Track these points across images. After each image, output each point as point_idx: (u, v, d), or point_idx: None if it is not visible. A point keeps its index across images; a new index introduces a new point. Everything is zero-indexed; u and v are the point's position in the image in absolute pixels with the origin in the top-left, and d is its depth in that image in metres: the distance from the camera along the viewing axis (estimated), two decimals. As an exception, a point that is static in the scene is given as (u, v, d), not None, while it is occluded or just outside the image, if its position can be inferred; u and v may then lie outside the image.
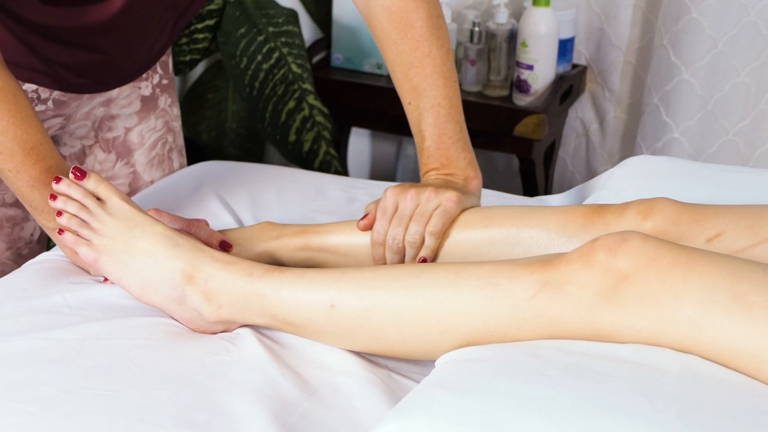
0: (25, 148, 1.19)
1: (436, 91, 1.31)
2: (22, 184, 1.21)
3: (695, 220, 1.14)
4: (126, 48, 1.43)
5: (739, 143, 2.23)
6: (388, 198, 1.25)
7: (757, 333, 0.93)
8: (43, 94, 1.40)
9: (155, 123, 1.57)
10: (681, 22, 2.17)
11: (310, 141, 2.31)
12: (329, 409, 1.04)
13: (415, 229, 1.23)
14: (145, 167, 1.57)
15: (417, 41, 1.31)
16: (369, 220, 1.26)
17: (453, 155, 1.31)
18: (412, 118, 1.33)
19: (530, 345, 1.00)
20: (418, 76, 1.31)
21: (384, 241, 1.24)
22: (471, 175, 1.31)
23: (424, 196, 1.24)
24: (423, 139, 1.32)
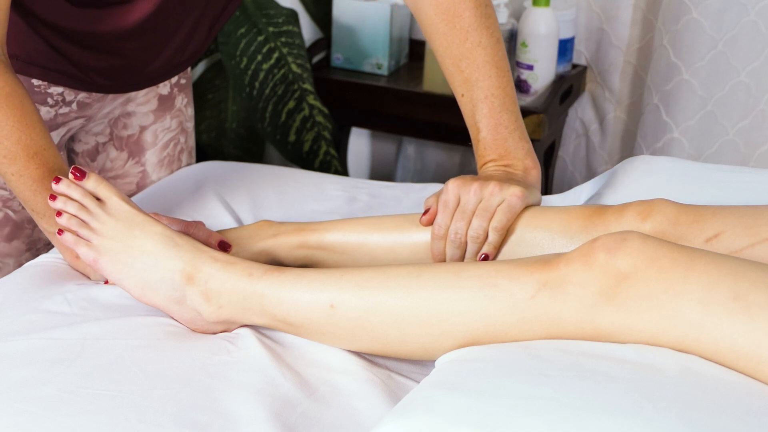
0: (28, 153, 1.19)
1: (488, 81, 1.28)
2: (25, 188, 1.21)
3: (694, 220, 1.14)
4: (154, 51, 1.44)
5: (739, 143, 2.23)
6: (450, 191, 1.22)
7: (758, 333, 0.93)
8: (68, 97, 1.41)
9: (170, 123, 1.58)
10: (681, 22, 2.17)
11: (310, 141, 2.31)
12: (329, 408, 1.04)
13: (478, 224, 1.20)
14: (155, 167, 1.58)
15: (466, 32, 1.29)
16: (431, 215, 1.23)
17: (510, 145, 1.28)
18: (466, 110, 1.31)
19: (530, 345, 1.00)
20: (469, 68, 1.29)
21: (445, 236, 1.21)
22: (530, 165, 1.28)
23: (487, 190, 1.21)
24: (478, 130, 1.29)
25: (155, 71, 1.48)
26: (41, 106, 1.39)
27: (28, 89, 1.37)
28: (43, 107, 1.39)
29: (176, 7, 1.40)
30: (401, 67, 2.45)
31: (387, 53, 2.38)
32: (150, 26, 1.38)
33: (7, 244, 1.43)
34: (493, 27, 1.30)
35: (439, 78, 2.30)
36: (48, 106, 1.40)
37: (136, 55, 1.42)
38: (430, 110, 2.30)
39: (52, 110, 1.41)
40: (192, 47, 1.49)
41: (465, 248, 1.22)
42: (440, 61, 1.32)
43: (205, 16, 1.47)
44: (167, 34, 1.43)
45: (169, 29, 1.42)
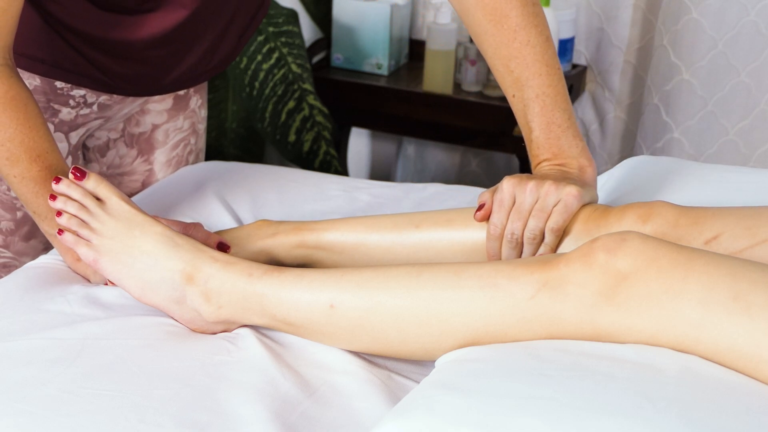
0: (31, 156, 1.20)
1: (539, 79, 1.26)
2: (27, 190, 1.22)
3: (694, 222, 1.14)
4: (179, 59, 1.45)
5: (739, 143, 2.23)
6: (506, 190, 1.20)
7: (757, 333, 0.93)
8: (90, 99, 1.42)
9: (182, 123, 1.58)
10: (681, 22, 2.17)
11: (310, 141, 2.31)
12: (329, 409, 1.04)
13: (534, 224, 1.18)
14: (163, 166, 1.58)
15: (514, 31, 1.27)
16: (486, 212, 1.21)
17: (564, 144, 1.26)
18: (518, 110, 1.28)
19: (530, 345, 1.00)
20: (519, 67, 1.27)
21: (501, 235, 1.20)
22: (585, 163, 1.26)
23: (543, 189, 1.18)
24: (530, 130, 1.27)
25: (180, 78, 1.49)
26: (63, 107, 1.40)
27: (51, 91, 1.38)
28: (65, 108, 1.41)
29: (204, 17, 1.41)
30: (401, 67, 2.45)
31: (387, 53, 2.38)
32: (177, 35, 1.39)
33: (24, 243, 1.44)
34: (541, 25, 1.28)
35: (439, 78, 2.30)
36: (69, 107, 1.41)
37: (162, 62, 1.43)
38: (430, 110, 2.30)
39: (73, 111, 1.42)
40: (219, 55, 1.50)
41: (521, 248, 1.20)
42: (490, 63, 1.30)
43: (234, 26, 1.48)
44: (193, 42, 1.44)
45: (195, 38, 1.43)
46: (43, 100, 1.39)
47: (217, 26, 1.45)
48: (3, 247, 1.43)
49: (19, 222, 1.42)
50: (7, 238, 1.42)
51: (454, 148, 2.59)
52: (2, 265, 1.45)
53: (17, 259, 1.44)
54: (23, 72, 1.35)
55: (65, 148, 1.43)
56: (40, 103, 1.38)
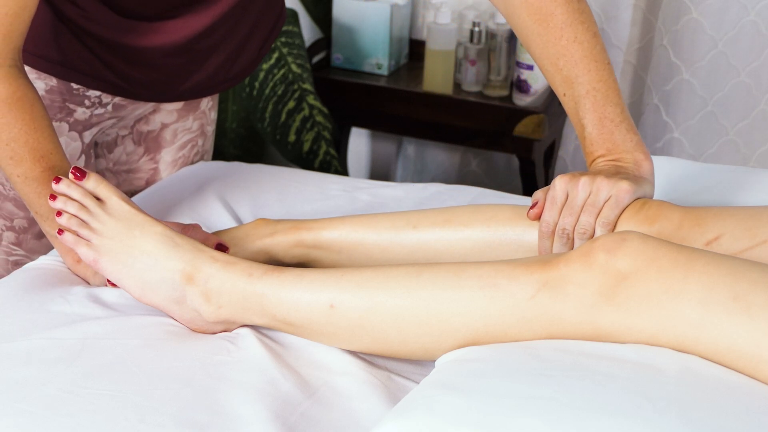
0: (35, 156, 1.21)
1: (588, 75, 1.24)
2: (30, 190, 1.22)
3: (696, 224, 1.14)
4: (198, 67, 1.46)
5: (739, 143, 2.23)
6: (558, 187, 1.19)
7: (757, 333, 0.93)
8: (105, 99, 1.43)
9: (192, 124, 1.58)
10: (681, 22, 2.17)
11: (310, 141, 2.31)
12: (329, 409, 1.04)
13: (585, 219, 1.17)
14: (168, 165, 1.58)
15: (560, 29, 1.26)
16: (539, 209, 1.20)
17: (618, 138, 1.23)
18: (569, 109, 1.26)
19: (530, 345, 1.00)
20: (567, 65, 1.25)
21: (552, 233, 1.19)
22: (640, 157, 1.23)
23: (596, 185, 1.17)
24: (583, 127, 1.25)
25: (197, 86, 1.50)
26: (78, 107, 1.41)
27: (67, 91, 1.39)
28: (80, 108, 1.42)
29: (225, 27, 1.41)
30: (401, 67, 2.45)
31: (387, 53, 2.38)
32: (196, 44, 1.40)
33: (37, 242, 1.45)
34: (588, 21, 1.27)
35: (439, 78, 2.30)
36: (84, 107, 1.42)
37: (180, 70, 1.44)
38: (430, 110, 2.30)
39: (87, 111, 1.43)
40: (238, 66, 1.51)
41: (572, 245, 1.19)
42: (539, 65, 1.29)
43: (254, 37, 1.49)
44: (212, 52, 1.44)
45: (215, 47, 1.44)
46: (59, 100, 1.39)
47: (237, 37, 1.46)
48: (15, 245, 1.43)
49: (31, 220, 1.43)
50: (20, 236, 1.43)
51: (454, 148, 2.59)
52: (14, 263, 1.45)
53: (29, 257, 1.45)
54: (40, 72, 1.36)
55: (78, 147, 1.44)
56: (55, 103, 1.39)
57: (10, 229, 1.42)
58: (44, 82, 1.37)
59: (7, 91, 1.19)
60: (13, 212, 1.41)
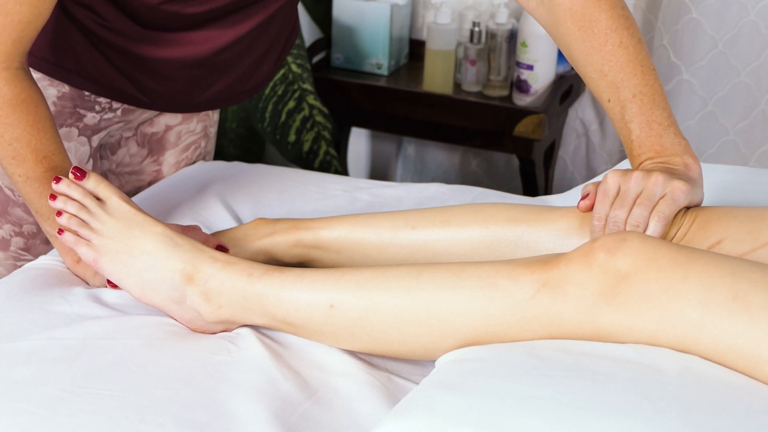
0: (37, 157, 1.21)
1: (635, 80, 1.23)
2: (31, 190, 1.22)
3: (699, 227, 1.14)
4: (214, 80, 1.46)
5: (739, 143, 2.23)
6: (610, 180, 1.17)
7: (757, 333, 0.93)
8: (115, 105, 1.44)
9: (195, 126, 1.59)
10: (681, 22, 2.17)
11: (310, 141, 2.31)
12: (329, 410, 1.04)
13: (639, 212, 1.14)
14: (171, 167, 1.59)
15: (605, 34, 1.24)
16: (590, 201, 1.18)
17: (666, 142, 1.21)
18: (615, 114, 1.25)
19: (530, 345, 1.00)
20: (613, 70, 1.24)
21: (604, 226, 1.17)
22: (690, 161, 1.21)
23: (651, 180, 1.15)
24: (630, 131, 1.23)
25: (213, 98, 1.50)
26: (88, 112, 1.42)
27: (78, 97, 1.40)
28: (90, 113, 1.43)
29: (246, 42, 1.42)
30: (401, 67, 2.45)
31: (387, 53, 2.38)
32: (217, 57, 1.40)
33: (46, 247, 1.46)
34: (632, 27, 1.26)
35: (439, 78, 2.30)
36: (94, 112, 1.43)
37: (198, 82, 1.45)
38: (430, 110, 2.30)
39: (97, 116, 1.44)
40: (255, 79, 1.51)
41: None
42: (582, 72, 1.28)
43: (272, 50, 1.49)
44: (232, 65, 1.45)
45: (234, 61, 1.44)
46: (70, 106, 1.40)
47: (256, 52, 1.46)
48: (24, 250, 1.44)
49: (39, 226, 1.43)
50: (28, 241, 1.43)
51: (454, 148, 2.59)
52: None
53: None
54: (53, 79, 1.37)
55: (87, 152, 1.45)
56: (66, 109, 1.40)
57: (19, 234, 1.43)
58: (56, 89, 1.38)
59: (12, 93, 1.20)
60: (22, 218, 1.42)
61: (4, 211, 1.41)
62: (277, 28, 1.47)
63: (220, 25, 1.37)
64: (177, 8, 1.31)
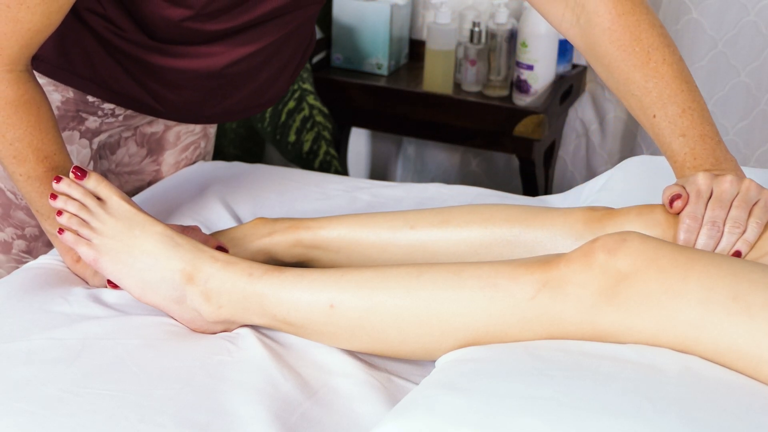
0: (38, 156, 1.21)
1: (682, 95, 1.23)
2: (32, 189, 1.23)
3: None
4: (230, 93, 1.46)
5: (739, 143, 2.23)
6: (703, 182, 1.16)
7: (757, 333, 0.93)
8: (118, 111, 1.44)
9: (194, 126, 1.59)
10: (681, 22, 2.17)
11: (310, 141, 2.31)
12: (329, 411, 1.04)
13: (737, 214, 1.13)
14: (171, 167, 1.59)
15: (647, 52, 1.24)
16: (683, 203, 1.16)
17: (720, 156, 1.21)
18: (662, 129, 1.23)
19: (530, 345, 1.00)
20: (659, 85, 1.23)
21: (699, 227, 1.15)
22: (742, 175, 1.21)
23: (744, 184, 1.15)
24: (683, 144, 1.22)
25: (228, 111, 1.50)
26: (90, 116, 1.42)
27: (82, 102, 1.40)
28: (92, 117, 1.43)
29: (264, 55, 1.42)
30: (401, 67, 2.45)
31: (387, 53, 2.38)
32: (233, 70, 1.40)
33: (47, 249, 1.46)
34: (672, 45, 1.25)
35: (439, 78, 2.30)
36: (97, 116, 1.43)
37: (213, 93, 1.44)
38: (430, 110, 2.30)
39: (98, 119, 1.44)
40: (271, 93, 1.51)
41: (719, 238, 1.15)
42: (624, 91, 1.26)
43: (288, 66, 1.49)
44: (249, 78, 1.45)
45: (252, 74, 1.44)
46: (73, 110, 1.40)
47: (275, 65, 1.46)
48: (26, 253, 1.44)
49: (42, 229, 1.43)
50: (31, 244, 1.44)
51: (454, 148, 2.59)
52: None
53: None
54: (58, 84, 1.37)
55: (88, 154, 1.45)
56: (69, 113, 1.40)
57: (21, 237, 1.43)
58: (61, 94, 1.39)
59: (16, 94, 1.20)
60: (25, 221, 1.42)
61: (6, 215, 1.41)
62: (295, 42, 1.47)
63: (238, 41, 1.37)
64: (198, 25, 1.31)
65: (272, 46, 1.41)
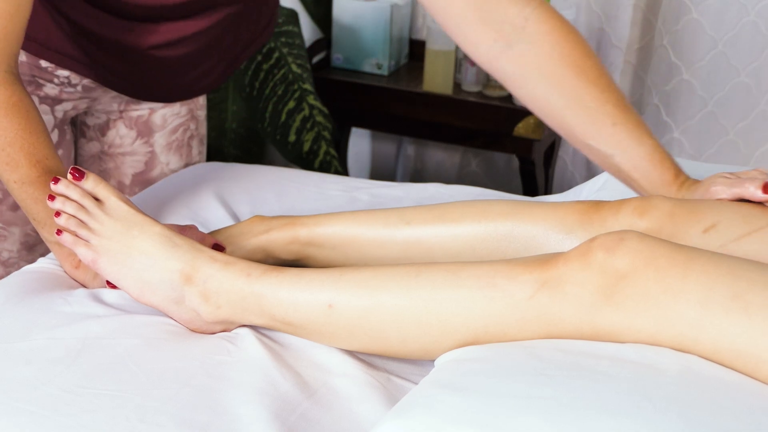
0: (30, 161, 1.21)
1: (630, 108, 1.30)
2: (27, 195, 1.22)
3: (690, 212, 1.14)
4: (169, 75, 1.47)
5: (739, 143, 2.23)
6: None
7: (756, 332, 0.93)
8: (74, 80, 1.44)
9: (180, 109, 1.60)
10: (681, 22, 2.17)
11: (310, 141, 2.31)
12: (329, 410, 1.04)
13: None
14: (164, 149, 1.60)
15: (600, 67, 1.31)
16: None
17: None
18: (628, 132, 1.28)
19: (530, 345, 1.00)
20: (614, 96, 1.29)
21: None
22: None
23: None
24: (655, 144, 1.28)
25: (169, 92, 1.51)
26: (47, 83, 1.43)
27: (36, 67, 1.41)
28: (49, 84, 1.43)
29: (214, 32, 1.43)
30: (401, 67, 2.45)
31: (387, 53, 2.38)
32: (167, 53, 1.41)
33: (12, 213, 1.46)
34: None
35: (439, 78, 2.30)
36: (54, 84, 1.44)
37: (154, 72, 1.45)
38: (430, 110, 2.30)
39: (57, 88, 1.45)
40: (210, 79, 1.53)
41: None
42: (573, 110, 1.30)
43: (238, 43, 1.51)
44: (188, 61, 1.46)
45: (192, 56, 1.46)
46: (28, 74, 1.41)
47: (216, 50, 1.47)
48: None
49: (6, 192, 1.44)
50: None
51: (454, 148, 2.59)
52: None
53: (6, 228, 1.46)
54: None
55: (51, 121, 1.46)
56: (24, 77, 1.41)
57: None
58: None
59: (2, 96, 1.20)
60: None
61: None
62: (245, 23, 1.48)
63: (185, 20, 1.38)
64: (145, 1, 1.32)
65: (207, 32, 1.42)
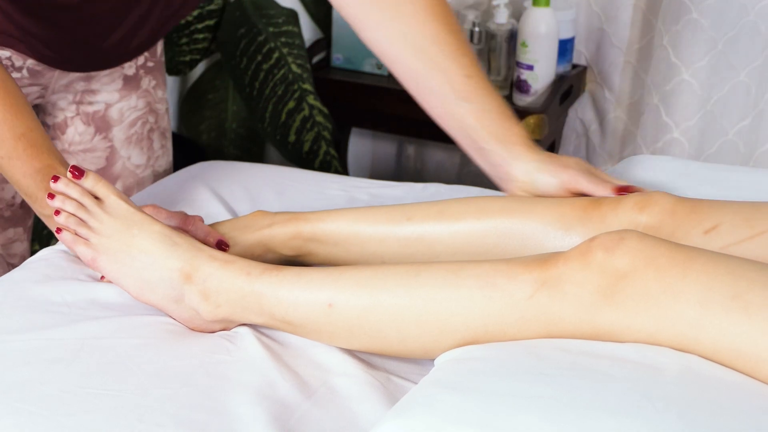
0: (15, 134, 1.21)
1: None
2: (15, 171, 1.22)
3: (692, 211, 1.14)
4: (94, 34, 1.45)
5: (739, 143, 2.23)
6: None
7: (756, 332, 0.93)
8: (17, 62, 1.42)
9: (136, 102, 1.59)
10: (681, 22, 2.17)
11: (310, 141, 2.31)
12: (328, 410, 1.04)
13: None
14: (123, 143, 1.59)
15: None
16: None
17: None
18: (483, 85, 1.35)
19: (530, 344, 1.00)
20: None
21: None
22: None
23: None
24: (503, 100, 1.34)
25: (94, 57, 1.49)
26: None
27: None
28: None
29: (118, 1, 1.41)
30: (401, 67, 2.45)
31: (387, 53, 2.37)
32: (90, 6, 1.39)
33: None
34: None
35: (439, 78, 2.30)
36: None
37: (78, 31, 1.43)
38: (430, 110, 2.30)
39: None
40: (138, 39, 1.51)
41: None
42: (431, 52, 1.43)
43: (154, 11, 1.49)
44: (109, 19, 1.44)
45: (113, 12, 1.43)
46: None
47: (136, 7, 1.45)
48: None
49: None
50: None
51: (454, 148, 2.59)
52: None
53: None
54: None
55: None
56: None
57: None
58: None
59: None
60: None
61: None
62: None
63: None
64: None
65: None
